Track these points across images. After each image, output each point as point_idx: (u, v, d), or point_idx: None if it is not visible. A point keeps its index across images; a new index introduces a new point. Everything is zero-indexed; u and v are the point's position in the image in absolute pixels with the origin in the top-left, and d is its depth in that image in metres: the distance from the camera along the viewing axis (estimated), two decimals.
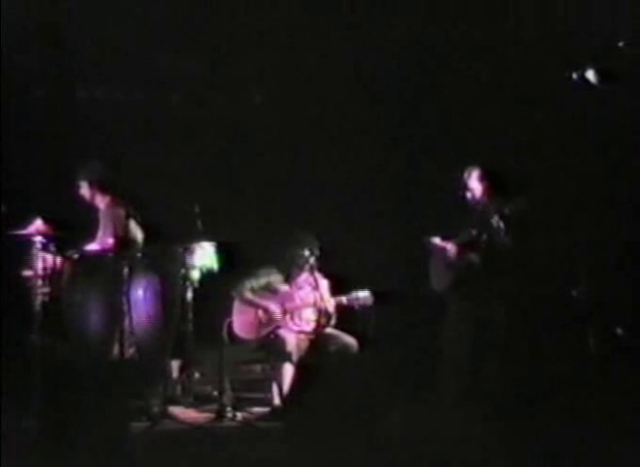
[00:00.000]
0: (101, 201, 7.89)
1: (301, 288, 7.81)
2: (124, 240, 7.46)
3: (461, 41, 8.20)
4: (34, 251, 7.28)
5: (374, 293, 7.67)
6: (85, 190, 7.92)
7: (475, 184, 7.86)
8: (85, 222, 7.91)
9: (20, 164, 8.13)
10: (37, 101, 8.57)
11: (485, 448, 5.87)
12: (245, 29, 8.26)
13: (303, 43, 8.28)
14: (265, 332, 7.65)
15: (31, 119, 8.38)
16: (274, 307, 7.66)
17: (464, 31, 8.13)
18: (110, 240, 7.62)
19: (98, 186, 7.88)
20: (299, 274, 7.80)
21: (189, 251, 7.34)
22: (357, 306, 7.70)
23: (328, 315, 7.66)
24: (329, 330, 7.72)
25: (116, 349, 7.45)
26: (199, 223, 7.33)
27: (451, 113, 8.47)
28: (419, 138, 8.51)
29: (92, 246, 7.82)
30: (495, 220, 7.59)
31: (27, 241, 7.30)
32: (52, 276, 7.30)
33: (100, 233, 7.82)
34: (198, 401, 7.71)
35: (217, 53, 8.49)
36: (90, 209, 7.98)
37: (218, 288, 7.66)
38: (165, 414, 7.03)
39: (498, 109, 8.39)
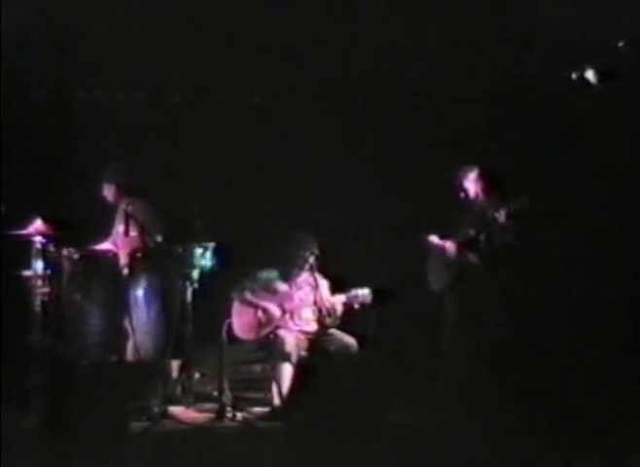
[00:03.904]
0: (124, 202, 7.88)
1: (300, 288, 7.80)
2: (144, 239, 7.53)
3: (460, 41, 8.20)
4: (34, 251, 7.28)
5: (374, 291, 7.67)
6: (109, 192, 7.94)
7: (473, 184, 7.87)
8: (84, 222, 7.92)
9: (20, 164, 8.13)
10: (37, 101, 8.57)
11: (485, 447, 5.88)
12: (245, 30, 8.25)
13: (303, 43, 8.27)
14: (264, 332, 7.64)
15: (31, 119, 8.38)
16: (274, 309, 7.66)
17: (463, 31, 8.13)
18: (126, 239, 7.67)
19: (124, 188, 7.91)
20: (298, 275, 7.80)
21: (189, 251, 7.33)
22: (356, 305, 7.71)
23: (333, 314, 7.64)
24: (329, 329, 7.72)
25: (116, 349, 7.47)
26: (199, 223, 7.33)
27: (450, 113, 8.48)
28: (418, 138, 8.52)
29: (106, 245, 7.89)
30: (494, 220, 7.60)
31: (27, 241, 7.30)
32: (51, 276, 7.30)
33: (117, 232, 7.85)
34: (198, 401, 7.71)
35: (217, 54, 8.48)
36: (92, 209, 8.01)
37: (218, 288, 7.65)
38: (165, 414, 7.03)
39: (497, 109, 8.40)
